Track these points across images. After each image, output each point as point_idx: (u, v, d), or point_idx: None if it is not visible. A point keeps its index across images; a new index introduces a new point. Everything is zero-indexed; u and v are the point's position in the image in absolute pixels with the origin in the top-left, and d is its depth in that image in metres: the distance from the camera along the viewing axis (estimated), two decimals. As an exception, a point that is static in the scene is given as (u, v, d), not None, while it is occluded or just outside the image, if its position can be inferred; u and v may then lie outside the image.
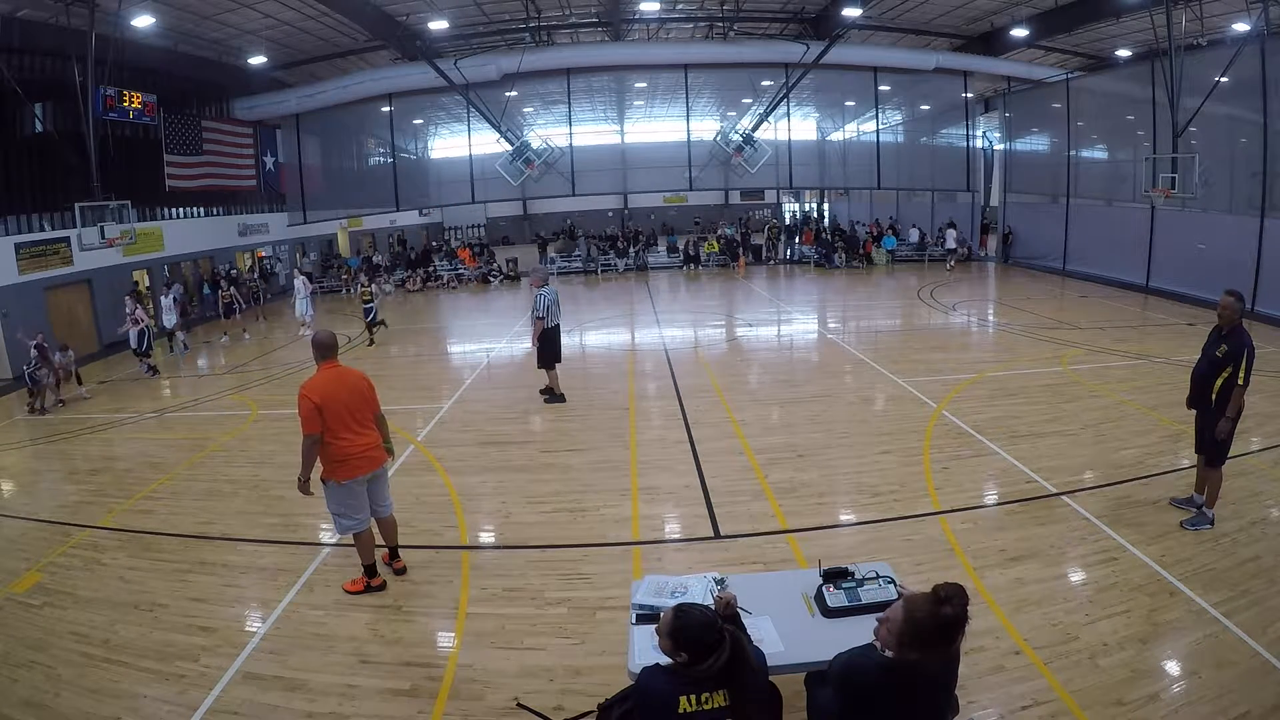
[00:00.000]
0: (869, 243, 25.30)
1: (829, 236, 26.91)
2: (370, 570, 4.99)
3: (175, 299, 15.58)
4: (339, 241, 29.25)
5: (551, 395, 9.51)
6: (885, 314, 16.47)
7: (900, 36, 22.92)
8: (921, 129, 25.57)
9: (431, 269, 25.06)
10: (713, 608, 2.71)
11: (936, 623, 2.21)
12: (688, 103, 23.65)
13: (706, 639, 2.42)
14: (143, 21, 15.15)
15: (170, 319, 15.14)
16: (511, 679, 4.05)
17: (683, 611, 2.48)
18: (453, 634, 4.53)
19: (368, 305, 14.68)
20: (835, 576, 3.47)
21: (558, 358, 9.49)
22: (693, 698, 2.43)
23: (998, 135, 25.42)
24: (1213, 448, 5.34)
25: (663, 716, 2.45)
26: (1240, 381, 5.10)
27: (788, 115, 23.91)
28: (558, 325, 9.31)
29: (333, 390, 4.65)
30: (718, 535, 5.69)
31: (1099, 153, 20.76)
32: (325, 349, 4.82)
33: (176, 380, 13.08)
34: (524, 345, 14.19)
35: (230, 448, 8.49)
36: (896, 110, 25.41)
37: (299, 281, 16.56)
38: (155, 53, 17.19)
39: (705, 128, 25.24)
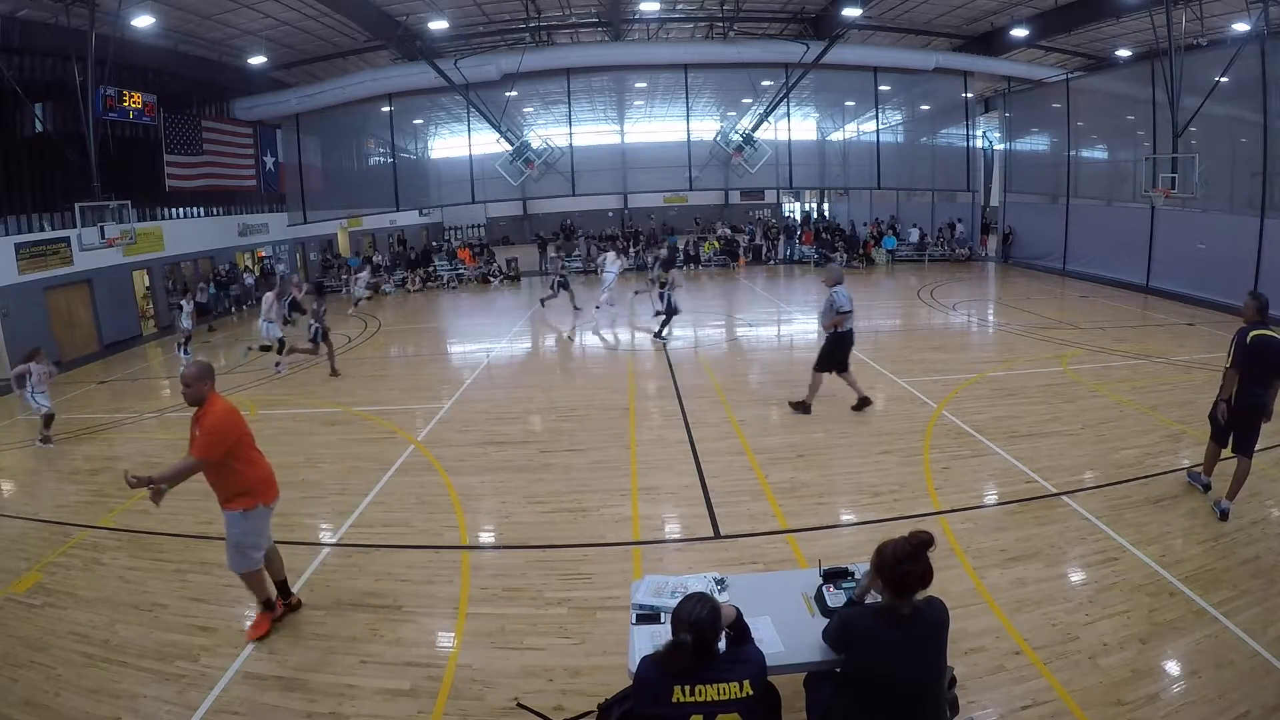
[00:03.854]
0: (869, 243, 25.32)
1: (829, 236, 26.93)
2: (270, 604, 4.67)
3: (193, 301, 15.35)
4: (339, 241, 29.25)
5: (802, 405, 8.55)
6: (885, 314, 16.44)
7: (900, 36, 22.93)
8: (921, 129, 25.57)
9: (431, 269, 25.07)
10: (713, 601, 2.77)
11: (894, 550, 2.74)
12: (688, 103, 23.66)
13: (673, 625, 2.61)
14: (143, 21, 15.15)
15: (189, 323, 14.57)
16: (511, 679, 4.05)
17: (685, 597, 2.69)
18: (453, 634, 4.53)
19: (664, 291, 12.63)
20: (835, 576, 3.47)
21: (841, 364, 8.44)
22: (686, 688, 2.51)
23: (998, 135, 25.42)
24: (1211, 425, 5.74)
25: (656, 704, 2.54)
26: (1228, 364, 5.50)
27: (788, 115, 23.92)
28: (851, 330, 8.39)
29: (238, 414, 4.49)
30: (718, 535, 5.69)
31: (1099, 153, 20.77)
32: (212, 376, 4.46)
33: (176, 380, 13.07)
34: (525, 345, 14.22)
35: (230, 448, 8.47)
36: (896, 110, 25.40)
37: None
38: (155, 53, 17.20)
39: (705, 128, 25.24)
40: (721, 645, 2.73)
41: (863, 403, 8.55)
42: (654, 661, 2.61)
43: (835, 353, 8.37)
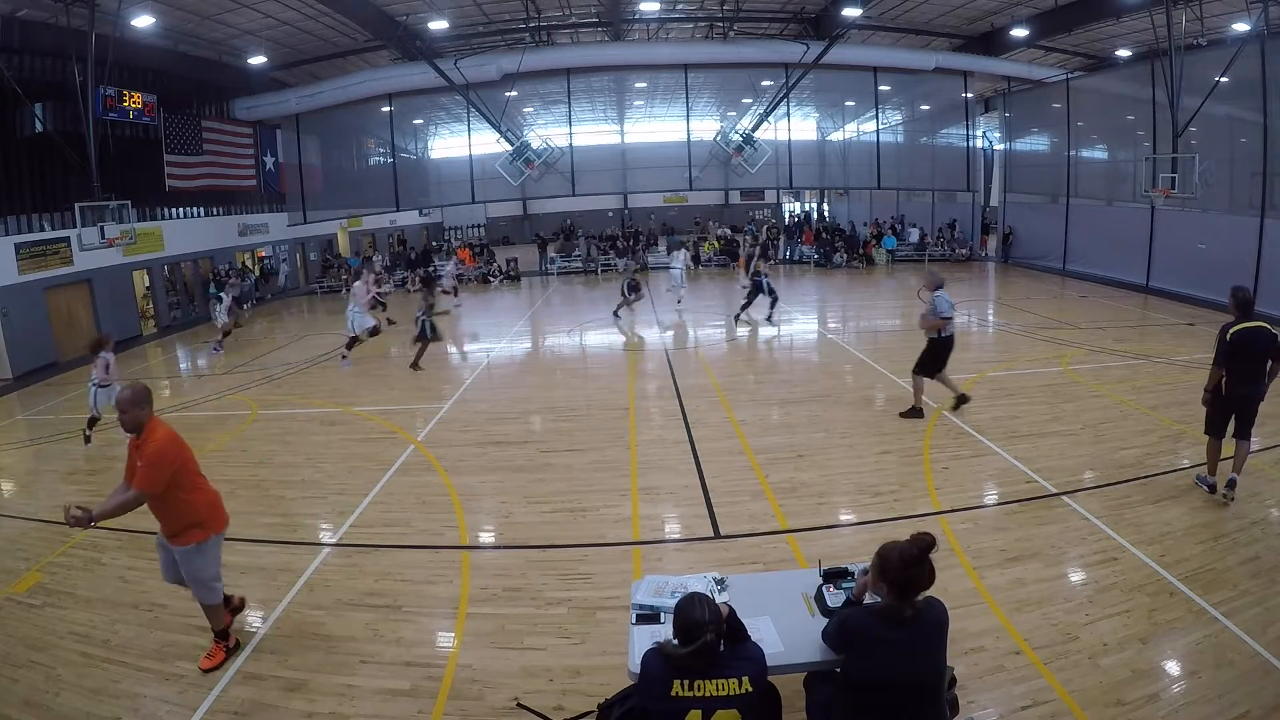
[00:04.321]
0: (869, 243, 25.32)
1: (829, 236, 26.93)
2: (224, 633, 4.41)
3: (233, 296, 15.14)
4: (339, 241, 29.26)
5: (912, 410, 8.34)
6: (885, 314, 16.46)
7: (900, 36, 22.93)
8: (921, 129, 25.58)
9: (431, 269, 25.06)
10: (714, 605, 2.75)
11: (898, 555, 2.69)
12: (688, 103, 23.65)
13: (690, 626, 2.58)
14: (143, 21, 15.16)
15: (227, 317, 14.42)
16: (511, 679, 4.05)
17: (684, 599, 2.68)
18: (453, 634, 4.53)
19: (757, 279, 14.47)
20: (835, 576, 3.47)
21: (939, 368, 8.30)
22: (685, 683, 2.55)
23: (998, 135, 25.43)
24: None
25: (657, 698, 2.59)
26: (1213, 360, 5.76)
27: (788, 115, 23.91)
28: (953, 336, 8.25)
29: (181, 441, 4.23)
30: (718, 535, 5.69)
31: (1099, 153, 20.77)
32: (150, 401, 4.21)
33: (176, 380, 13.09)
34: (525, 345, 14.21)
35: (230, 448, 8.48)
36: (896, 110, 25.40)
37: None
38: (155, 53, 17.21)
39: (705, 128, 25.24)
40: None
41: (961, 400, 8.38)
42: (660, 655, 2.63)
43: (936, 357, 8.25)
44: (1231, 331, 5.56)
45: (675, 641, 2.60)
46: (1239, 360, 5.57)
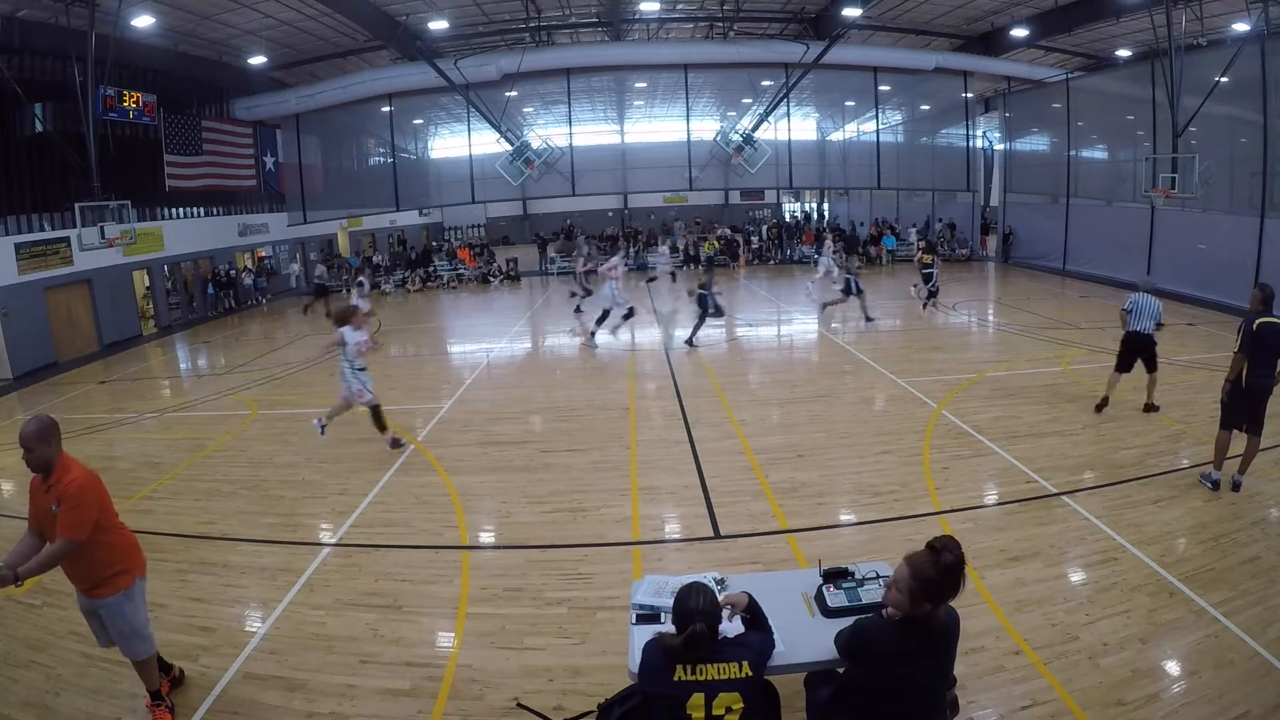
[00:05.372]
0: (878, 244, 25.29)
1: (830, 236, 26.89)
2: (159, 694, 3.90)
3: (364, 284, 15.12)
4: (339, 241, 29.26)
5: (1106, 402, 8.28)
6: (885, 314, 16.42)
7: (900, 36, 22.93)
8: (921, 129, 25.58)
9: (431, 269, 25.08)
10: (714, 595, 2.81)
11: (939, 571, 2.48)
12: (688, 103, 23.65)
13: (682, 616, 2.63)
14: (143, 21, 15.17)
15: (365, 304, 13.92)
16: (511, 679, 4.05)
17: (683, 588, 2.73)
18: (453, 634, 4.53)
19: (926, 270, 14.99)
20: (835, 576, 3.46)
21: (1122, 364, 8.21)
22: (688, 668, 2.61)
23: (998, 135, 25.43)
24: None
25: (660, 683, 2.63)
26: (1235, 349, 5.90)
27: (788, 115, 23.92)
28: (1136, 333, 8.05)
29: (97, 476, 3.76)
30: (718, 535, 5.69)
31: (1099, 153, 20.77)
32: (58, 434, 3.69)
33: (176, 380, 13.08)
34: (525, 345, 14.20)
35: (230, 448, 8.49)
36: (896, 110, 25.41)
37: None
38: (155, 53, 17.21)
39: (705, 128, 25.23)
40: (741, 628, 2.87)
41: (1101, 404, 8.23)
42: (659, 645, 2.67)
43: (1125, 351, 8.14)
44: (1258, 323, 5.77)
45: (674, 631, 2.66)
46: (1259, 352, 5.79)
